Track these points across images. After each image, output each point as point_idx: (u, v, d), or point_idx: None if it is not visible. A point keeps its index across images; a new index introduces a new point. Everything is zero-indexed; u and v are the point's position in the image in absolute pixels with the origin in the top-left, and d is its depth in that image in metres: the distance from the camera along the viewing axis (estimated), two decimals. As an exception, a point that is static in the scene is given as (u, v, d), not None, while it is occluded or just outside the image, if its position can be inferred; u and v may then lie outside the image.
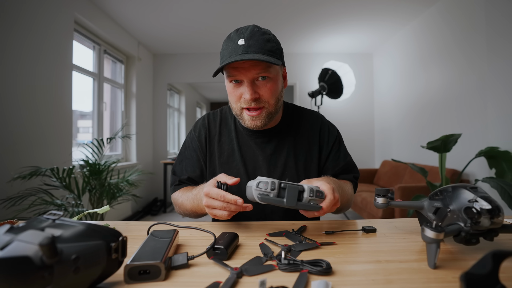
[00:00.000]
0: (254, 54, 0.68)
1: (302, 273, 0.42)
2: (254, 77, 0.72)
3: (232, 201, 0.58)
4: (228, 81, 0.75)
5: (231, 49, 0.70)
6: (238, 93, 0.74)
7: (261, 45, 0.70)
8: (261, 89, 0.73)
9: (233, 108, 0.78)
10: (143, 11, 3.05)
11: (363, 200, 2.95)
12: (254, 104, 0.73)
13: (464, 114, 2.54)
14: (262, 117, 0.75)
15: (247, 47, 0.69)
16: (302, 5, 2.97)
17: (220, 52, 0.76)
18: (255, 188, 0.57)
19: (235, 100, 0.75)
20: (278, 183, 0.57)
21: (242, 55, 0.68)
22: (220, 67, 0.70)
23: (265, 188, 0.57)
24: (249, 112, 0.75)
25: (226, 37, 0.75)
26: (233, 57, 0.68)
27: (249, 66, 0.70)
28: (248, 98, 0.71)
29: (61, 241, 0.34)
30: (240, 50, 0.69)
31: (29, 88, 2.06)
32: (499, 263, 0.33)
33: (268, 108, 0.75)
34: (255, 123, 0.75)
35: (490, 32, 2.23)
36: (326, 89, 3.40)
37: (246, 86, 0.72)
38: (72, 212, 1.79)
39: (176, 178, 0.88)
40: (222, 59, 0.73)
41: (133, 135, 3.75)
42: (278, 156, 0.84)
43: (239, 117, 0.78)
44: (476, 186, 0.53)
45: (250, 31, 0.71)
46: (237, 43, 0.70)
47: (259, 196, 0.57)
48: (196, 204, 0.72)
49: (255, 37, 0.70)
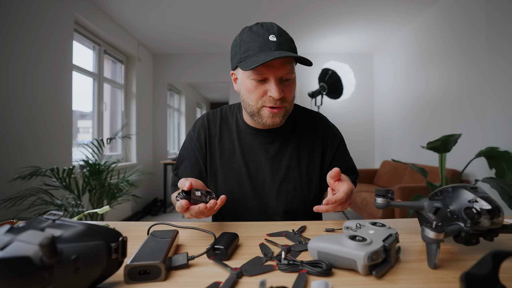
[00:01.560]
0: (291, 53, 0.67)
1: (301, 274, 0.42)
2: (282, 75, 0.70)
3: (196, 209, 0.56)
4: (251, 77, 0.71)
5: (260, 43, 0.68)
6: (261, 91, 0.72)
7: (289, 44, 0.70)
8: (285, 88, 0.72)
9: (250, 105, 0.75)
10: (143, 11, 3.05)
11: (363, 200, 2.94)
12: (279, 102, 0.72)
13: (464, 114, 2.54)
14: (281, 114, 0.75)
15: (280, 44, 0.68)
16: (302, 5, 2.97)
17: (238, 44, 0.73)
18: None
19: (257, 97, 0.72)
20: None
21: (281, 52, 0.66)
22: (260, 63, 0.64)
23: None
24: (271, 109, 0.73)
25: (246, 30, 0.73)
26: (271, 52, 0.66)
27: (280, 64, 0.69)
28: (277, 96, 0.70)
29: (61, 241, 0.34)
30: (273, 46, 0.67)
31: (29, 88, 2.06)
32: (499, 263, 0.33)
33: (287, 107, 0.75)
34: (274, 120, 0.74)
35: (490, 32, 2.23)
36: (326, 89, 3.41)
37: (273, 84, 0.70)
38: (72, 212, 1.79)
39: (177, 178, 0.87)
40: (247, 52, 0.69)
41: (133, 135, 3.75)
42: (281, 157, 0.83)
43: (255, 115, 0.75)
44: (476, 186, 0.53)
45: (278, 28, 0.70)
46: (268, 38, 0.68)
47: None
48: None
49: (284, 36, 0.70)
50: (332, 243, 0.45)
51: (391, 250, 0.45)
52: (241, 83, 0.76)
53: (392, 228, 0.51)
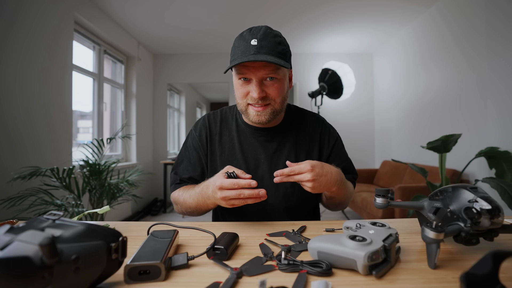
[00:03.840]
0: (266, 56, 0.71)
1: (301, 274, 0.42)
2: (263, 77, 0.74)
3: (246, 185, 0.61)
4: (237, 78, 0.77)
5: (243, 47, 0.73)
6: (245, 90, 0.76)
7: (272, 47, 0.73)
8: (268, 88, 0.76)
9: (238, 104, 0.80)
10: (143, 11, 3.05)
11: (363, 200, 2.94)
12: (261, 102, 0.76)
13: (464, 114, 2.54)
14: (267, 113, 0.78)
15: (259, 47, 0.71)
16: (302, 5, 2.97)
17: (231, 49, 0.78)
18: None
19: (242, 96, 0.78)
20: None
21: (254, 55, 0.70)
22: (231, 65, 0.73)
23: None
24: (255, 107, 0.77)
25: (238, 35, 0.77)
26: (246, 56, 0.71)
27: (259, 66, 0.73)
28: (256, 96, 0.74)
29: (61, 241, 0.34)
30: (252, 50, 0.71)
31: (29, 88, 2.06)
32: (499, 263, 0.33)
33: (274, 106, 0.78)
34: (260, 118, 0.78)
35: (490, 32, 2.23)
36: (326, 89, 3.40)
37: (254, 85, 0.74)
38: (72, 212, 1.79)
39: (177, 177, 0.88)
40: (233, 56, 0.75)
41: (133, 135, 3.75)
42: (280, 154, 0.86)
43: (244, 113, 0.80)
44: (476, 186, 0.53)
45: (263, 32, 0.74)
46: (250, 42, 0.72)
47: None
48: (201, 200, 0.72)
49: (267, 39, 0.73)
50: (332, 243, 0.45)
51: (391, 250, 0.45)
52: (233, 83, 0.81)
53: (392, 228, 0.51)
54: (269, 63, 0.72)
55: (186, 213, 0.82)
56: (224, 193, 0.62)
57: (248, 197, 0.62)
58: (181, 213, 0.84)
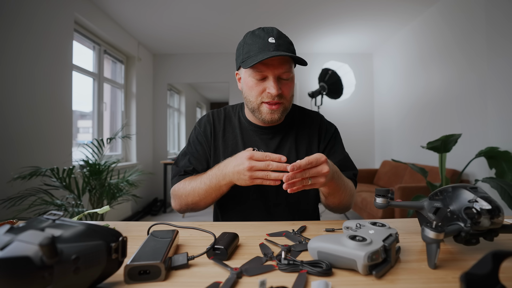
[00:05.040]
0: (286, 52, 0.73)
1: (301, 274, 0.42)
2: (280, 74, 0.76)
3: (277, 159, 0.63)
4: (252, 75, 0.77)
5: (260, 45, 0.74)
6: (261, 88, 0.78)
7: (287, 46, 0.76)
8: (283, 86, 0.78)
9: (251, 102, 0.80)
10: (143, 11, 3.05)
11: (363, 200, 2.95)
12: (277, 99, 0.77)
13: (464, 114, 2.54)
14: (279, 111, 0.80)
15: (278, 45, 0.74)
16: (302, 5, 2.97)
17: (241, 46, 0.79)
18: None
19: (257, 94, 0.78)
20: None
21: (277, 52, 0.72)
22: (256, 61, 0.71)
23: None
24: (269, 105, 0.78)
25: (249, 34, 0.79)
26: (270, 52, 0.72)
27: (278, 64, 0.75)
28: (274, 93, 0.75)
29: (61, 241, 0.34)
30: (271, 47, 0.73)
31: (29, 88, 2.06)
32: (499, 263, 0.33)
33: (285, 104, 0.80)
34: (272, 116, 0.80)
35: (490, 32, 2.23)
36: (326, 89, 3.40)
37: (272, 82, 0.75)
38: (72, 212, 1.79)
39: (180, 169, 0.87)
40: (249, 53, 0.76)
41: (133, 135, 3.75)
42: (281, 151, 0.87)
43: (256, 111, 0.81)
44: (476, 186, 0.53)
45: (277, 32, 0.77)
46: (268, 40, 0.74)
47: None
48: (214, 182, 0.72)
49: (282, 38, 0.76)
50: (332, 243, 0.45)
51: (391, 250, 0.45)
52: (243, 82, 0.82)
53: (392, 228, 0.51)
54: (286, 60, 0.75)
55: (188, 205, 0.80)
56: (253, 163, 0.64)
57: (276, 169, 0.63)
58: (180, 208, 0.82)
